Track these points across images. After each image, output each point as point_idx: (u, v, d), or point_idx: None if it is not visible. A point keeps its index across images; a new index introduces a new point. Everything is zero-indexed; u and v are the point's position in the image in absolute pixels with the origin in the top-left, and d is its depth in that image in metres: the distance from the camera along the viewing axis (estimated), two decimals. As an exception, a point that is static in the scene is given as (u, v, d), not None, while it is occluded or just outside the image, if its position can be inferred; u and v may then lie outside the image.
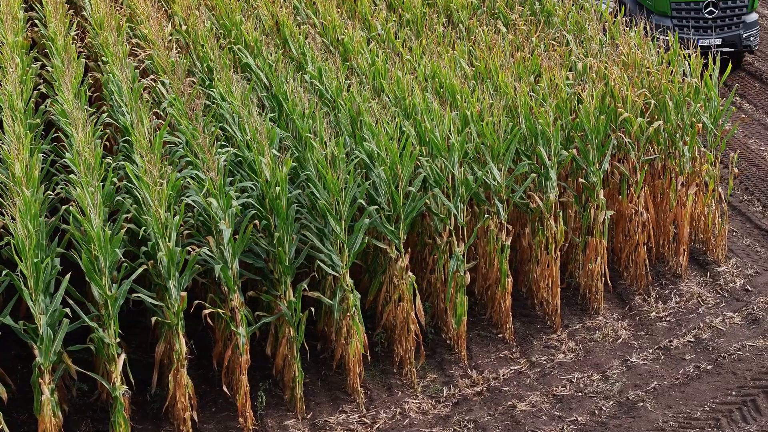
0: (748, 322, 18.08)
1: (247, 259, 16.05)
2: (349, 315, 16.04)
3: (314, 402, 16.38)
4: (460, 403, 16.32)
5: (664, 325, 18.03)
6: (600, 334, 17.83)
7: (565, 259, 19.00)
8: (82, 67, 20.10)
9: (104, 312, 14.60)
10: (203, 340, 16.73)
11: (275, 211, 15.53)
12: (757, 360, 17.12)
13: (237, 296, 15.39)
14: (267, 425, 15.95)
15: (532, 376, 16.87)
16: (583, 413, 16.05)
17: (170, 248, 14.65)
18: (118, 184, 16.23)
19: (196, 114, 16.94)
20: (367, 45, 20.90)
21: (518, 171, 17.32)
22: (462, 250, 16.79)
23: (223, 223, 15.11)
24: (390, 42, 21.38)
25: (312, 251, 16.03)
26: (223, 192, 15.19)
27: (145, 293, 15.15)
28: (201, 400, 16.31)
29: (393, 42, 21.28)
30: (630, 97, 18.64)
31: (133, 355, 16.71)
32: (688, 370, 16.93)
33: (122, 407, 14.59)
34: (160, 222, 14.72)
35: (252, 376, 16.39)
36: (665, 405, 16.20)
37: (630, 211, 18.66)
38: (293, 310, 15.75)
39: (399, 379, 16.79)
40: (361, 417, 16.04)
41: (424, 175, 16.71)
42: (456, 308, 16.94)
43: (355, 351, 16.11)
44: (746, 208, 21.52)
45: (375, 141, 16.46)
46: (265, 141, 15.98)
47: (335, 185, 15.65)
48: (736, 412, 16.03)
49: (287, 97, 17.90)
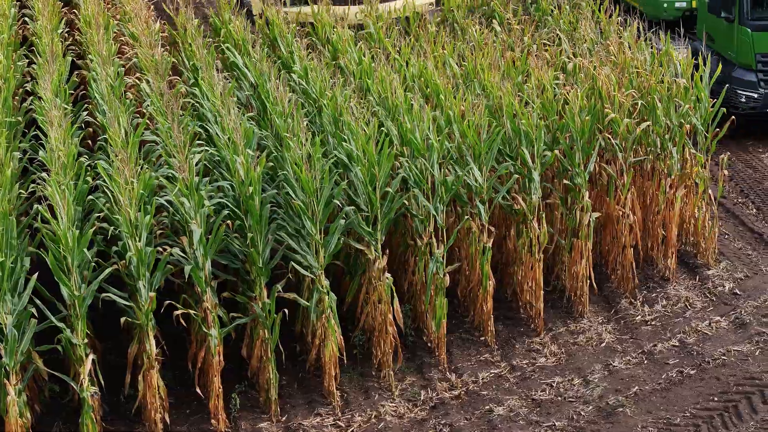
0: (735, 326, 17.80)
1: (223, 260, 15.90)
2: (325, 316, 15.85)
3: (290, 404, 16.21)
4: (437, 407, 16.10)
5: (649, 329, 17.77)
6: (584, 337, 17.58)
7: (552, 261, 18.76)
8: (67, 64, 20.02)
9: (72, 312, 14.45)
10: (183, 341, 16.55)
11: (249, 211, 15.35)
12: (742, 365, 16.85)
13: (209, 297, 15.22)
14: (240, 427, 15.77)
15: (512, 380, 16.64)
16: (561, 418, 15.81)
17: (139, 248, 14.48)
18: (92, 183, 16.06)
19: (174, 113, 16.77)
20: (355, 45, 20.73)
21: (500, 172, 17.10)
22: (442, 252, 16.57)
23: (194, 223, 14.94)
24: (380, 42, 21.20)
25: (288, 252, 15.85)
26: (194, 192, 15.01)
27: (116, 293, 15.00)
28: (176, 402, 16.16)
29: (383, 42, 21.10)
30: (617, 97, 18.39)
31: (110, 356, 16.63)
32: (671, 375, 16.67)
33: (90, 408, 14.44)
34: (129, 221, 14.55)
35: (229, 378, 16.27)
36: (645, 410, 15.94)
37: (617, 213, 18.40)
38: (267, 311, 15.57)
39: (377, 382, 16.59)
40: (336, 420, 15.85)
41: (403, 176, 16.51)
42: (435, 311, 16.72)
43: (331, 353, 15.91)
44: (740, 211, 21.24)
45: (353, 141, 16.27)
46: (241, 140, 15.80)
47: (310, 185, 15.45)
48: (717, 418, 15.77)
49: (268, 96, 17.73)
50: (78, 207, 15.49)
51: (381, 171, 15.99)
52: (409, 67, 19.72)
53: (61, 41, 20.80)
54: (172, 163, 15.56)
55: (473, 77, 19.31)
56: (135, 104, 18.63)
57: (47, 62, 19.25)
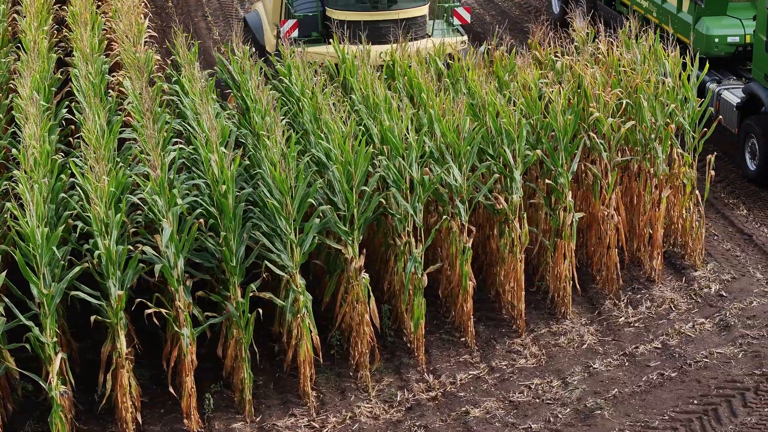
0: (719, 328, 17.60)
1: (199, 259, 15.78)
2: (300, 316, 15.71)
3: (265, 405, 16.07)
4: (413, 408, 15.95)
5: (632, 331, 17.58)
6: (565, 339, 17.41)
7: (537, 262, 18.59)
8: (52, 61, 19.94)
9: (41, 310, 14.34)
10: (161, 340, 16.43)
11: (222, 210, 15.23)
12: (724, 368, 16.65)
13: (182, 296, 15.10)
14: (214, 427, 15.65)
15: (490, 382, 16.47)
16: (537, 420, 15.64)
17: (108, 246, 14.36)
18: (67, 181, 15.96)
19: (151, 110, 16.66)
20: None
21: (479, 170, 16.94)
22: (420, 252, 16.42)
23: (165, 221, 14.82)
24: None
25: (263, 251, 15.72)
26: (165, 190, 14.89)
27: (87, 291, 14.89)
28: (151, 401, 16.06)
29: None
30: (602, 96, 18.20)
31: (88, 354, 16.52)
32: (651, 378, 16.48)
33: (59, 407, 14.34)
34: (98, 219, 14.43)
35: (206, 378, 16.18)
36: (623, 413, 15.77)
37: (602, 213, 18.21)
38: (242, 311, 15.44)
39: (354, 383, 16.44)
40: (311, 421, 15.72)
41: (380, 175, 16.36)
42: (414, 311, 16.57)
43: (306, 353, 15.78)
44: (730, 212, 21.02)
45: (331, 139, 16.13)
46: (216, 138, 15.68)
47: (284, 184, 15.32)
48: (696, 421, 15.58)
49: (249, 93, 17.62)
50: (51, 205, 15.39)
51: (358, 170, 15.85)
52: (396, 66, 19.56)
53: (47, 38, 20.68)
54: (146, 160, 15.44)
55: (459, 76, 19.15)
56: (117, 102, 18.52)
57: (31, 59, 19.17)
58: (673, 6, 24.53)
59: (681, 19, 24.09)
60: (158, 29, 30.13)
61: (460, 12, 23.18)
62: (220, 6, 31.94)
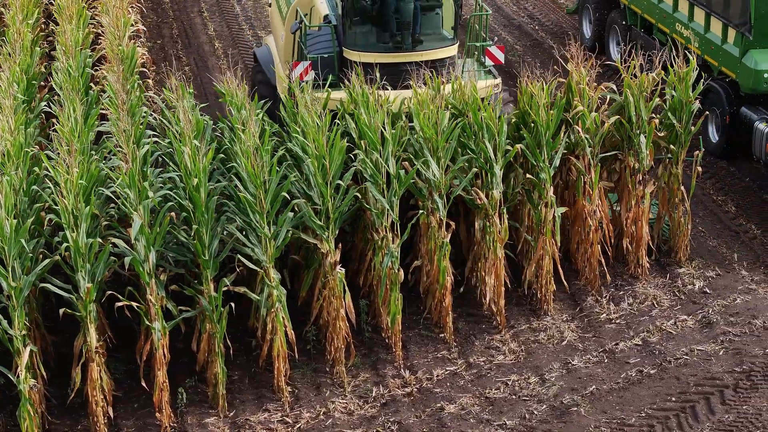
0: (701, 325, 17.43)
1: (172, 252, 15.69)
2: (274, 311, 15.61)
3: (239, 400, 15.97)
4: (388, 404, 15.83)
5: (613, 328, 17.42)
6: (545, 335, 17.26)
7: (520, 258, 18.42)
8: (37, 54, 19.89)
9: (10, 303, 14.27)
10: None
11: (194, 203, 15.13)
12: (704, 365, 16.48)
13: (154, 289, 15.00)
14: (187, 422, 15.56)
15: (467, 378, 16.34)
16: (513, 417, 15.50)
17: (76, 239, 14.28)
18: (38, 172, 15.88)
19: (131, 104, 16.58)
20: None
21: (457, 165, 16.80)
22: (396, 246, 16.29)
23: (136, 214, 14.72)
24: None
25: (237, 245, 15.62)
26: (135, 182, 14.80)
27: (58, 284, 14.82)
28: (125, 395, 15.98)
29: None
30: (587, 91, 18.04)
31: (64, 348, 16.44)
32: (630, 375, 16.32)
33: (27, 401, 14.25)
34: (67, 212, 14.35)
35: (180, 372, 16.11)
36: (600, 410, 15.62)
37: (586, 209, 18.04)
38: (215, 305, 15.34)
39: (329, 378, 16.33)
40: (284, 416, 15.61)
41: (355, 169, 16.23)
42: (390, 306, 16.44)
43: (280, 348, 15.67)
44: (718, 209, 20.83)
45: (306, 133, 16.03)
46: (190, 131, 15.58)
47: (258, 177, 15.22)
48: (673, 418, 15.42)
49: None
50: (25, 197, 15.32)
51: (332, 163, 15.73)
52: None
53: (31, 31, 20.62)
54: (119, 153, 15.36)
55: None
56: (99, 95, 18.45)
57: (14, 51, 19.13)
58: (717, 36, 22.22)
59: (726, 51, 21.89)
60: (154, 25, 30.13)
61: (493, 51, 20.16)
62: (216, 2, 31.85)
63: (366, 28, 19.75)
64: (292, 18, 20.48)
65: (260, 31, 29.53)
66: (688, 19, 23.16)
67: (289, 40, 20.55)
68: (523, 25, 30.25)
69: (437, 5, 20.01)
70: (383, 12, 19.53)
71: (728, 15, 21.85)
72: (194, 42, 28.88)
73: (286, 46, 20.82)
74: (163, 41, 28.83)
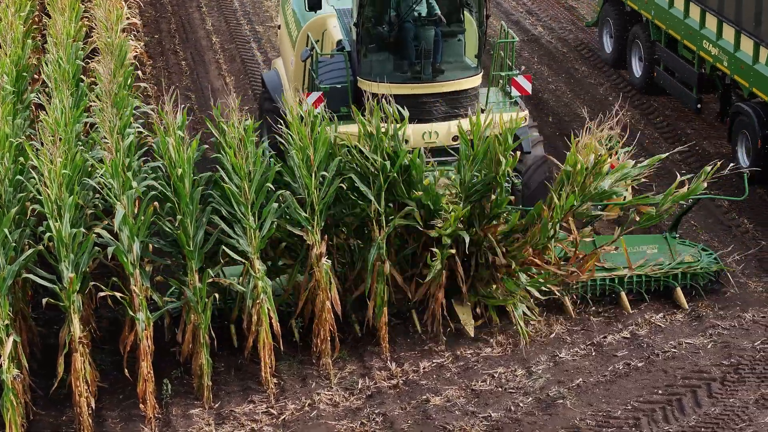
0: (691, 319, 17.37)
1: (157, 243, 15.69)
2: (259, 302, 15.59)
3: (225, 391, 15.95)
4: (374, 396, 15.80)
5: (601, 321, 17.37)
6: (533, 328, 17.20)
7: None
8: (28, 47, 19.93)
9: (-6, 293, 14.28)
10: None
11: (178, 193, 15.12)
12: (692, 358, 16.43)
13: (137, 280, 14.99)
14: (171, 413, 15.54)
15: (454, 370, 16.31)
16: (498, 409, 15.46)
17: (59, 229, 14.27)
18: (24, 162, 15.89)
19: (113, 94, 16.59)
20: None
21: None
22: (381, 238, 16.26)
23: (119, 204, 14.72)
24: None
25: (222, 236, 15.61)
26: (119, 173, 14.79)
27: (42, 275, 14.83)
28: (111, 387, 15.98)
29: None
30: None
31: (52, 339, 16.44)
32: (617, 367, 16.27)
33: (10, 390, 14.25)
34: (50, 201, 14.35)
35: (167, 364, 16.10)
36: (586, 402, 15.57)
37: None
38: (199, 296, 15.33)
39: (316, 370, 16.31)
40: (269, 408, 15.59)
41: (340, 161, 16.21)
42: (376, 298, 16.41)
43: (264, 340, 15.65)
44: (711, 203, 20.74)
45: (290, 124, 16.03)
46: (174, 122, 15.58)
47: (242, 168, 15.21)
48: (659, 411, 15.37)
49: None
50: (10, 187, 15.33)
51: (316, 154, 15.71)
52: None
53: (23, 23, 20.66)
54: (103, 143, 15.37)
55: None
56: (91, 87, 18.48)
57: (5, 43, 19.18)
58: (747, 56, 20.71)
59: (758, 72, 20.38)
60: (152, 19, 30.17)
61: (519, 81, 18.75)
62: (215, -4, 31.94)
63: (383, 56, 18.37)
64: (303, 43, 19.40)
65: (258, 26, 29.54)
66: (716, 37, 21.65)
67: (299, 67, 19.41)
68: (521, 20, 30.20)
69: (460, 31, 18.63)
70: (401, 38, 18.17)
71: (759, 33, 20.29)
72: (192, 36, 28.89)
73: (296, 72, 19.70)
74: (161, 35, 28.87)
